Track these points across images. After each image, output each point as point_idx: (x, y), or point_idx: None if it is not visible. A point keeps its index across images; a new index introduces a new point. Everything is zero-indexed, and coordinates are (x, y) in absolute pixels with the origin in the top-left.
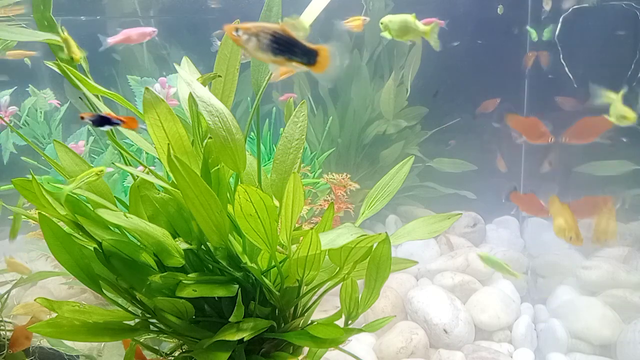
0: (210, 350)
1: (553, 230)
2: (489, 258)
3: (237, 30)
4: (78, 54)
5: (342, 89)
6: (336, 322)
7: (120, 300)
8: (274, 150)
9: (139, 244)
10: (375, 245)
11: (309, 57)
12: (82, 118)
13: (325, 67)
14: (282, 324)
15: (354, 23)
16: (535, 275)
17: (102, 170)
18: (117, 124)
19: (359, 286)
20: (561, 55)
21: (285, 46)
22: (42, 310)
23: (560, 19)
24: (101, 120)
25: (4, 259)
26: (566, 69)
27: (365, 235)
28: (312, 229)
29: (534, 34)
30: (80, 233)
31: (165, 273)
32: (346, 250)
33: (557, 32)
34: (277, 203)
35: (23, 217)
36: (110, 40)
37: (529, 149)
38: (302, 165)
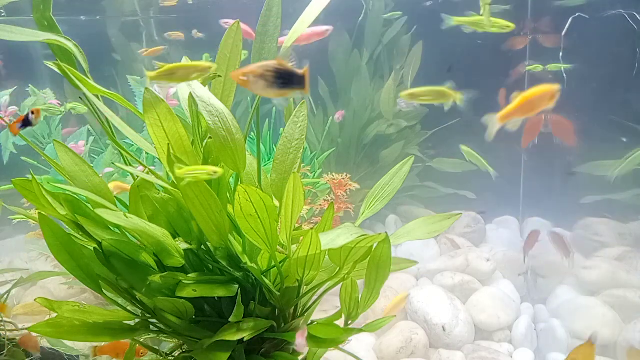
0: (210, 350)
1: None
2: None
3: (244, 75)
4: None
5: (342, 89)
6: (336, 322)
7: (120, 300)
8: (274, 150)
9: (139, 244)
10: (375, 245)
11: (300, 82)
12: None
13: (308, 86)
14: (282, 324)
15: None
16: (535, 275)
17: (216, 172)
18: None
19: (359, 286)
20: (561, 54)
21: (286, 78)
22: (42, 311)
23: (569, 20)
24: None
25: None
26: (562, 68)
27: (365, 235)
28: (312, 229)
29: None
30: (80, 233)
31: (165, 273)
32: (346, 250)
33: (564, 32)
34: (277, 203)
35: (23, 216)
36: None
37: (529, 149)
38: (302, 165)
